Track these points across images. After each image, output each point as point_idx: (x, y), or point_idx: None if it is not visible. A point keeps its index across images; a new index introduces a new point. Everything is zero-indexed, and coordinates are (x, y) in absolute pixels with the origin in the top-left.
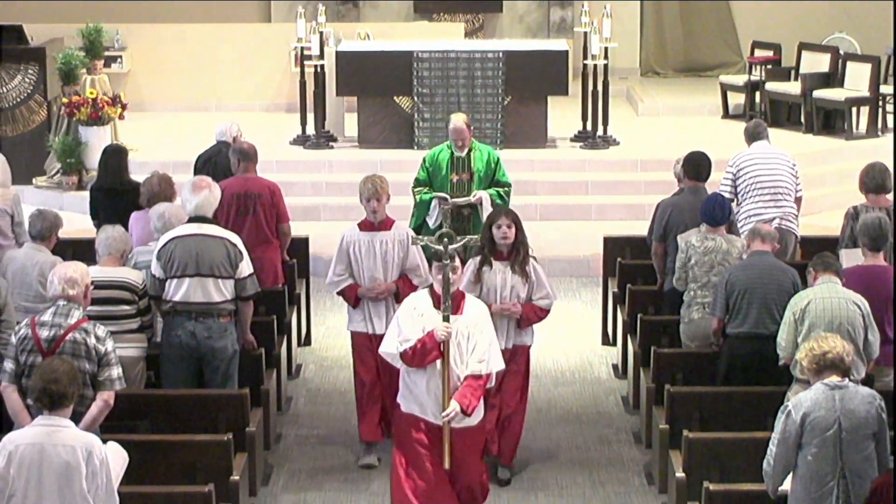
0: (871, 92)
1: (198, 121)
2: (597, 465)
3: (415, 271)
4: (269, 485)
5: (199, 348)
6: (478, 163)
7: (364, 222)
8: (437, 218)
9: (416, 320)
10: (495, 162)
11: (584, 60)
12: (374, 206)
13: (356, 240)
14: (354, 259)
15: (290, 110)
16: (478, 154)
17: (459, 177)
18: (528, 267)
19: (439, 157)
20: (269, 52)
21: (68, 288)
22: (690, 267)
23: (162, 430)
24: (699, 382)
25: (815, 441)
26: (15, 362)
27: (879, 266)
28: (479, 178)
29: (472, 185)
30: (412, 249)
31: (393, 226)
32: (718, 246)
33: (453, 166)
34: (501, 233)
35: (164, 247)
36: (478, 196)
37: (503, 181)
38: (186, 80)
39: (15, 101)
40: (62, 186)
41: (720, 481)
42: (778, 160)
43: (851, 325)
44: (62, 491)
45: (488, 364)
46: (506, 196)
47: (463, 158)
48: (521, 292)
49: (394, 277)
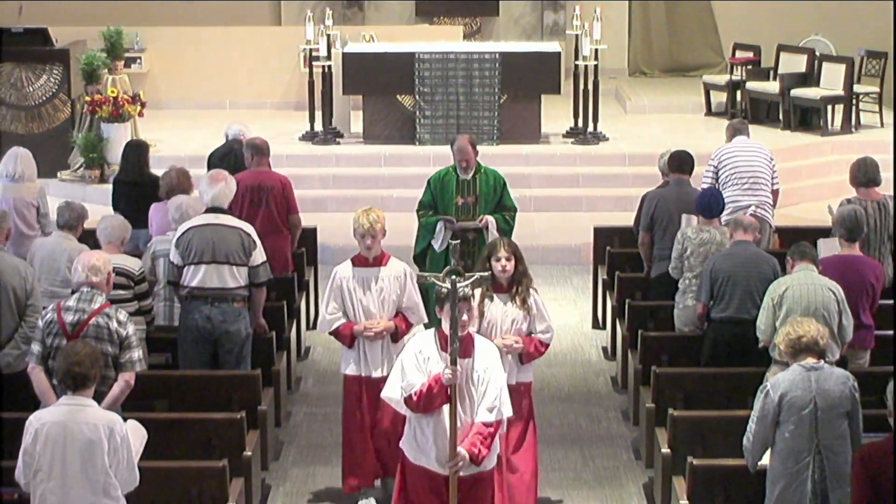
0: (845, 91)
1: (212, 118)
2: (587, 442)
3: (412, 309)
4: (280, 460)
5: (214, 331)
6: (483, 186)
7: (358, 258)
8: (444, 241)
9: (421, 364)
10: (501, 185)
11: (575, 61)
12: (369, 243)
13: (350, 276)
14: (349, 296)
15: (300, 108)
16: (483, 177)
17: (465, 200)
18: (530, 299)
19: (444, 179)
20: (279, 54)
21: (91, 275)
22: (686, 257)
23: (179, 408)
24: (683, 364)
25: (792, 419)
26: (42, 345)
27: (855, 256)
28: (484, 201)
29: (478, 208)
30: (409, 286)
31: (388, 261)
32: (713, 238)
33: (458, 189)
34: (501, 265)
35: (182, 236)
36: (484, 220)
37: (509, 205)
38: (202, 80)
39: (41, 99)
40: (85, 180)
41: (703, 456)
42: (756, 153)
43: (826, 310)
44: (85, 466)
45: (499, 410)
46: (511, 220)
47: (468, 181)
48: (521, 325)
49: (390, 316)
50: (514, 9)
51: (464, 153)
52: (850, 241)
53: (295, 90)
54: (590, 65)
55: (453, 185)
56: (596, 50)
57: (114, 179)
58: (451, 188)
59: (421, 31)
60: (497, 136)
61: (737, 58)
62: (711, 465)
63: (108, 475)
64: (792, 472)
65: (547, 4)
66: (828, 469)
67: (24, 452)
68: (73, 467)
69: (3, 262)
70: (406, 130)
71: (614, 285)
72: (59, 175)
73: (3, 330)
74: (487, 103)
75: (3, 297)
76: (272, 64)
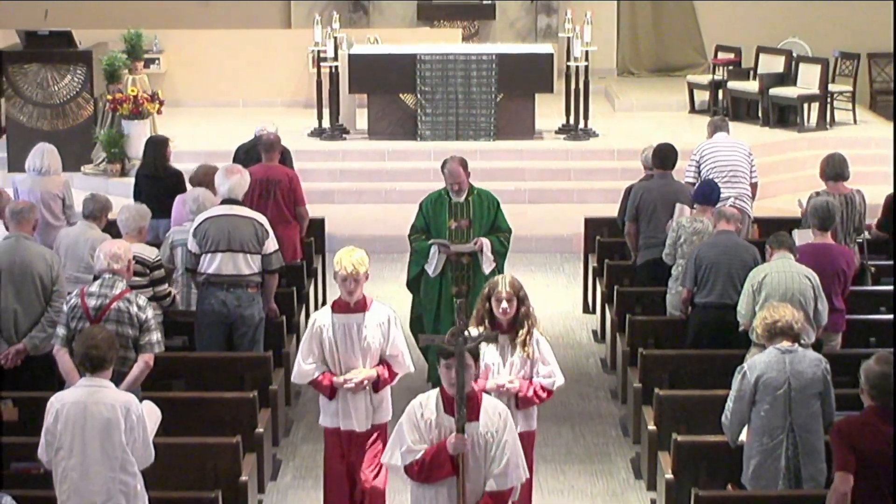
0: (820, 90)
1: (226, 115)
2: (578, 419)
3: (396, 358)
4: (290, 436)
5: (229, 315)
6: (477, 208)
7: (338, 303)
8: (437, 266)
9: (422, 428)
10: (495, 207)
11: (567, 62)
12: (352, 288)
13: (329, 324)
14: (328, 346)
15: (308, 106)
16: (476, 199)
17: (458, 223)
18: (531, 342)
19: (437, 202)
20: (289, 55)
21: (113, 262)
22: (680, 244)
23: (195, 388)
24: (669, 346)
25: (768, 399)
26: (66, 328)
27: (827, 244)
28: (478, 224)
29: (472, 231)
30: (394, 333)
31: (371, 306)
32: (705, 227)
33: (451, 212)
34: (501, 308)
35: (199, 225)
36: (478, 243)
37: (503, 227)
38: (216, 79)
39: (65, 98)
40: (107, 173)
41: (687, 433)
42: (735, 148)
43: (803, 295)
44: (103, 444)
45: (511, 477)
46: (506, 242)
47: (461, 204)
48: (522, 370)
49: (372, 364)
50: (509, 13)
51: (455, 176)
52: (823, 231)
53: (304, 89)
54: (580, 65)
55: (446, 208)
56: (586, 51)
57: (136, 173)
58: (443, 211)
59: (422, 34)
60: (493, 132)
61: (719, 59)
62: (695, 441)
63: (125, 452)
64: (767, 448)
65: (541, 8)
66: (800, 446)
67: (46, 431)
68: (92, 445)
69: (31, 251)
70: (408, 127)
71: (603, 272)
72: (83, 169)
73: (30, 314)
74: (485, 101)
75: (30, 284)
76: (282, 64)
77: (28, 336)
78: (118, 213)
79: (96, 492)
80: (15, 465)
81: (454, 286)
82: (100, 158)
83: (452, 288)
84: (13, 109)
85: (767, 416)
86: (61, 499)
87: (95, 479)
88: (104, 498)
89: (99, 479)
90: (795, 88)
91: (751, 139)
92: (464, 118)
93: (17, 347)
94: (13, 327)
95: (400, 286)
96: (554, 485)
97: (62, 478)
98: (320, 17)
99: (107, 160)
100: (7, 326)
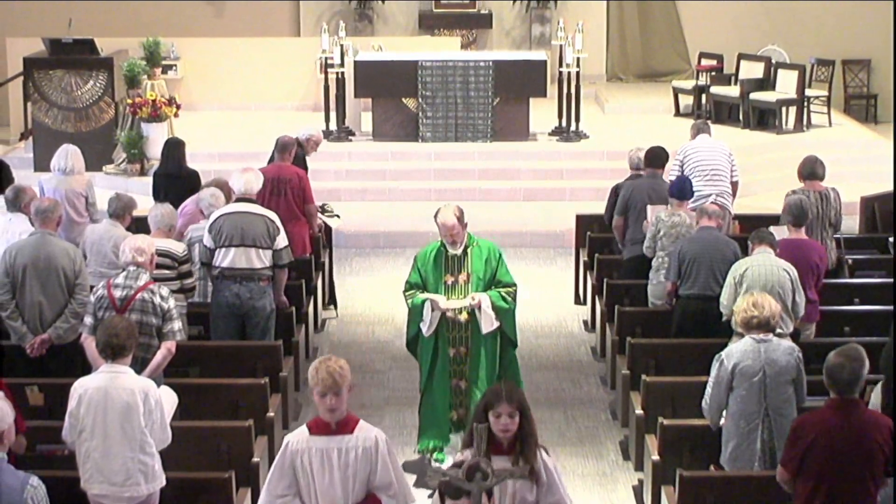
0: (797, 94)
1: (239, 118)
2: (570, 404)
3: (386, 490)
4: (299, 420)
5: (242, 307)
6: (475, 262)
7: (317, 423)
8: (432, 325)
9: None
10: (497, 259)
11: (559, 68)
12: (332, 403)
13: (306, 448)
14: (303, 474)
15: (316, 109)
16: (475, 251)
17: (455, 278)
18: (538, 465)
19: (431, 256)
20: (298, 61)
21: (137, 256)
22: (659, 238)
23: (210, 374)
24: (655, 335)
25: (744, 385)
26: (94, 317)
27: (801, 239)
28: (476, 279)
29: (469, 287)
30: (383, 459)
31: (356, 428)
32: (683, 221)
33: (447, 266)
34: (502, 424)
35: (214, 222)
36: (476, 299)
37: (506, 281)
38: (230, 85)
39: (88, 102)
40: (127, 173)
41: (672, 417)
42: (716, 149)
43: (782, 288)
44: (123, 426)
45: None
46: (510, 297)
47: (458, 257)
48: (527, 496)
49: (357, 499)
50: (505, 22)
51: (448, 228)
52: (797, 227)
53: (312, 94)
54: (572, 71)
55: (442, 262)
56: (578, 58)
57: (154, 173)
58: (439, 266)
59: (423, 42)
60: (490, 134)
61: (702, 65)
62: (679, 424)
63: (143, 434)
64: (743, 431)
65: (535, 17)
66: (775, 429)
67: (70, 415)
68: (112, 427)
69: (55, 246)
70: (410, 129)
71: (594, 266)
72: (105, 169)
73: (54, 306)
74: (482, 105)
75: (55, 277)
76: (292, 70)
77: (52, 326)
78: (150, 210)
79: (117, 471)
80: (41, 446)
81: (451, 347)
82: (120, 159)
83: (449, 350)
84: (39, 113)
85: (744, 402)
86: (84, 477)
87: (116, 460)
88: (124, 477)
89: (119, 459)
90: (774, 93)
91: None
92: (462, 121)
93: (42, 337)
94: (38, 318)
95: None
96: None
97: (85, 458)
98: (328, 25)
99: (127, 160)
100: (33, 318)
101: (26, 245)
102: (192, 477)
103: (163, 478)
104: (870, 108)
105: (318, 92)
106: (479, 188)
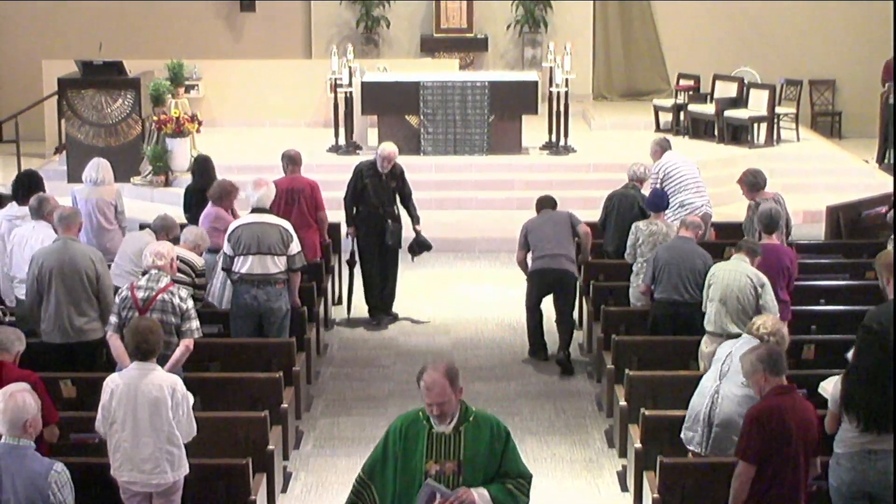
0: (768, 112)
1: (256, 134)
2: (559, 396)
3: None
4: (311, 410)
5: (259, 308)
6: (470, 446)
7: None
8: None
9: None
10: (503, 442)
11: (549, 88)
12: None
13: None
14: None
15: (326, 126)
16: (472, 429)
17: (441, 467)
18: None
19: (408, 432)
20: (310, 82)
21: (157, 260)
22: (639, 245)
23: (229, 369)
24: (638, 333)
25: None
26: (118, 317)
27: (773, 244)
28: (471, 469)
29: (461, 478)
30: None
31: None
32: (660, 229)
33: (430, 449)
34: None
35: (233, 231)
36: (467, 497)
37: (515, 471)
38: (247, 103)
39: (117, 119)
40: (153, 185)
41: (654, 408)
42: (690, 163)
43: (741, 292)
44: (152, 418)
45: None
46: (522, 490)
47: (447, 437)
48: None
49: None
50: (500, 46)
51: (435, 392)
52: (769, 234)
53: (323, 111)
54: (561, 91)
55: (422, 441)
56: (566, 79)
57: (186, 188)
58: (419, 446)
59: (425, 64)
60: (486, 148)
61: (681, 85)
62: (660, 415)
63: (171, 426)
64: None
65: (527, 42)
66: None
67: (102, 407)
68: (142, 419)
69: (77, 251)
70: (413, 144)
71: (581, 269)
72: (132, 180)
73: (77, 305)
74: (478, 122)
75: (77, 278)
76: (304, 90)
77: (75, 325)
78: (184, 230)
79: (145, 459)
80: (74, 435)
81: None
82: (147, 171)
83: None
84: (72, 129)
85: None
86: (115, 466)
87: (144, 449)
88: (152, 465)
89: (147, 449)
90: (747, 110)
91: (708, 155)
92: (460, 136)
93: None
94: (66, 319)
95: (405, 283)
96: (538, 453)
97: (115, 447)
98: (337, 49)
99: (153, 173)
100: (60, 318)
101: (52, 250)
102: (212, 463)
103: (187, 466)
104: (834, 124)
105: (328, 109)
106: (476, 198)
